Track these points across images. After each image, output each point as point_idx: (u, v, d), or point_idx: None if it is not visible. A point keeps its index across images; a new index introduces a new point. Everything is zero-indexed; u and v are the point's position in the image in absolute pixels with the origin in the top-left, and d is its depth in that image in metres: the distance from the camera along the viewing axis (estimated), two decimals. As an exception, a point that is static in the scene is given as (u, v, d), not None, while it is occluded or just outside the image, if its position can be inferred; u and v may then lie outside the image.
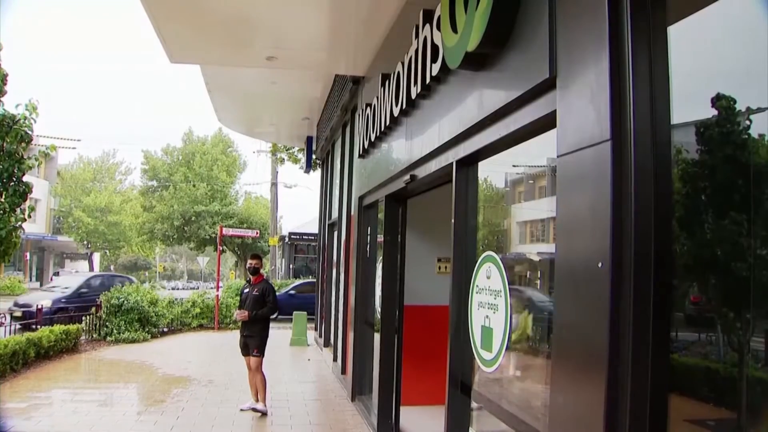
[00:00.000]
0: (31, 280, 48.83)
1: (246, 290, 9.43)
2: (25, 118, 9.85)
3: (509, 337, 3.87)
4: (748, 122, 2.21)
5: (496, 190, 4.93)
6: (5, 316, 13.45)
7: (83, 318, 16.57)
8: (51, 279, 46.79)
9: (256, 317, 9.05)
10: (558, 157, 3.05)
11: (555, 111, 3.15)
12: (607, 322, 2.54)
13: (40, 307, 17.00)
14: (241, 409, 9.13)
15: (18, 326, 14.86)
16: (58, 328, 14.01)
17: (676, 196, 2.53)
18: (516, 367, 4.20)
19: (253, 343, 9.08)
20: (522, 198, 4.55)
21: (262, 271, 9.68)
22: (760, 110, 2.14)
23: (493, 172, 4.76)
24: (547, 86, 3.30)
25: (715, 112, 2.31)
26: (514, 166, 4.49)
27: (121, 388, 11.22)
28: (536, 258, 4.25)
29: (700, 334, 2.57)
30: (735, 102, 2.24)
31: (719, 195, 2.39)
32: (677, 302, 2.55)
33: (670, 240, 2.50)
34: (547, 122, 3.32)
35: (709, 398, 2.45)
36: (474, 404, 4.76)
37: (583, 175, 2.82)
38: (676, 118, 2.52)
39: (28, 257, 48.77)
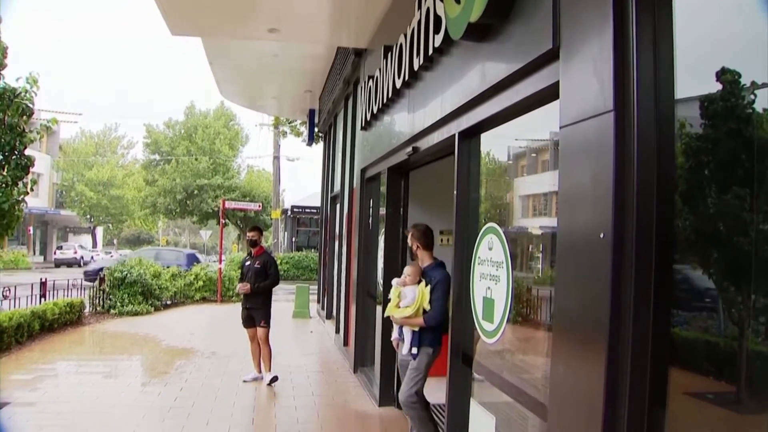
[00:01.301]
0: (34, 254, 49.02)
1: (247, 263, 9.44)
2: (26, 91, 9.79)
3: (511, 309, 3.89)
4: (753, 96, 2.19)
5: (499, 164, 4.92)
6: (8, 290, 13.47)
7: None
8: (54, 253, 46.98)
9: (259, 290, 9.09)
10: (561, 128, 3.04)
11: (558, 82, 3.13)
12: (609, 292, 2.55)
13: None
14: (244, 381, 9.21)
15: None
16: (62, 301, 14.11)
17: (679, 171, 2.52)
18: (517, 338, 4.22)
19: (259, 315, 9.14)
20: (524, 172, 4.54)
21: (263, 243, 9.68)
22: (765, 85, 2.12)
23: (495, 146, 4.74)
24: (550, 57, 3.28)
25: (719, 85, 2.29)
26: (516, 139, 4.48)
27: (125, 360, 11.31)
28: (538, 232, 4.25)
29: (701, 307, 2.57)
30: (740, 76, 2.22)
31: (722, 169, 2.38)
32: (678, 273, 2.55)
33: (672, 211, 2.50)
34: (549, 93, 3.30)
35: (709, 371, 2.46)
36: (476, 375, 4.79)
37: (586, 146, 2.81)
38: (680, 90, 2.50)
39: (31, 231, 48.86)
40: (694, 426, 2.53)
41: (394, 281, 6.06)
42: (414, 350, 5.69)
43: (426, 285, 5.68)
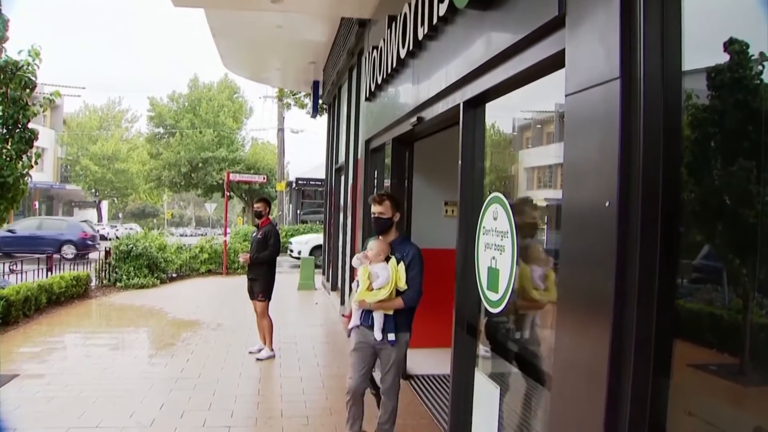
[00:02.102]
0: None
1: (254, 234, 9.47)
2: (29, 64, 9.74)
3: (515, 279, 3.88)
4: (761, 68, 2.15)
5: (504, 136, 4.88)
6: (16, 264, 13.58)
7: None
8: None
9: (258, 260, 9.08)
10: (566, 96, 3.00)
11: (563, 50, 3.09)
12: (614, 261, 2.53)
13: None
14: (250, 352, 9.27)
15: None
16: (68, 274, 14.19)
17: (685, 142, 2.49)
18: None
19: (258, 286, 9.13)
20: (529, 144, 4.51)
21: (270, 216, 9.66)
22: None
23: (500, 118, 4.71)
24: (556, 25, 3.23)
25: (727, 56, 2.26)
26: (521, 111, 4.44)
27: (132, 333, 11.40)
28: (543, 204, 4.23)
29: (705, 279, 2.55)
30: (748, 47, 2.18)
31: (729, 140, 2.35)
32: (683, 245, 2.53)
33: (677, 181, 2.47)
34: (555, 61, 3.26)
35: (713, 343, 2.46)
36: (481, 346, 4.80)
37: (592, 114, 2.78)
38: (687, 59, 2.46)
39: (37, 206, 49.01)
40: (698, 397, 2.53)
41: (356, 260, 5.48)
42: (391, 336, 5.23)
43: (398, 262, 5.24)
